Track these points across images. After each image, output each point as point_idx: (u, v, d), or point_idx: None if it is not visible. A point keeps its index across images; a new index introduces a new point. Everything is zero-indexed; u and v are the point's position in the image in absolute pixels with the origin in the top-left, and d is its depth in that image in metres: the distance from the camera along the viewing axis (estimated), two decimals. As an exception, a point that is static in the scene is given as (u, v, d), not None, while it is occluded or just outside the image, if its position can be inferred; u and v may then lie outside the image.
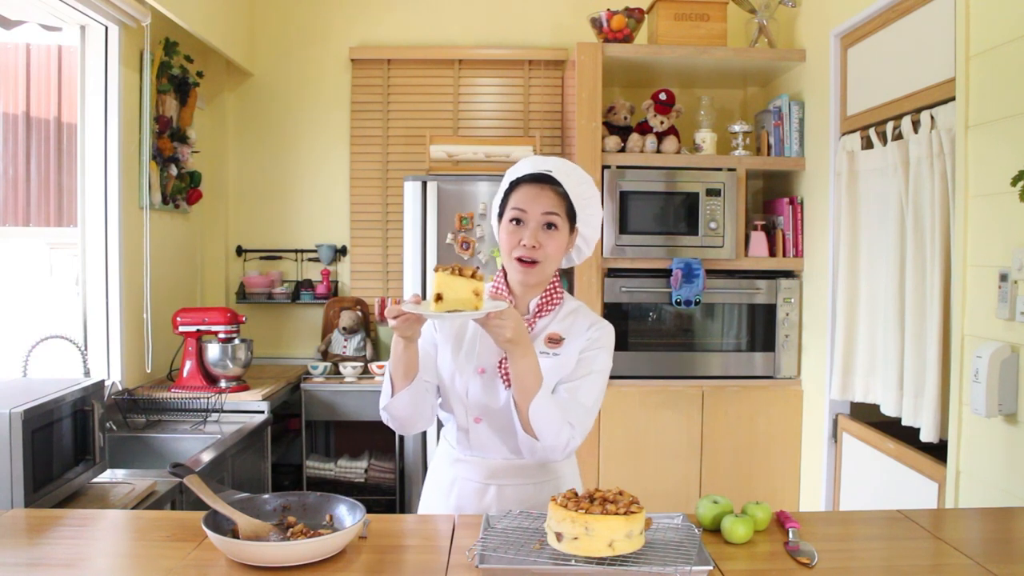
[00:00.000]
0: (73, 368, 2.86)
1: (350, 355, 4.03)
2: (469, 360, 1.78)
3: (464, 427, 1.82)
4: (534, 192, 1.73)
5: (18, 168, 3.48)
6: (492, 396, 1.77)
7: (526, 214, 1.72)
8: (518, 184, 1.76)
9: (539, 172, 1.75)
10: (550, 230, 1.73)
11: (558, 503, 1.42)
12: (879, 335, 2.83)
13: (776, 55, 3.61)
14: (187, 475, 1.56)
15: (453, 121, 4.23)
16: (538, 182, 1.74)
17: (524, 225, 1.73)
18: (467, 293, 1.44)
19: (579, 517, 1.36)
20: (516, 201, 1.75)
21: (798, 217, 3.58)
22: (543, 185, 1.74)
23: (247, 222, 4.27)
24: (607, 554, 1.36)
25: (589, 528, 1.35)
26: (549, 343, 1.78)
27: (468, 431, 1.81)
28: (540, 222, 1.72)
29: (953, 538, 1.55)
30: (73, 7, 2.91)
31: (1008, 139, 2.06)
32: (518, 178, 1.77)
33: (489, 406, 1.77)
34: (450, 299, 1.43)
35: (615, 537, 1.35)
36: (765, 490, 3.55)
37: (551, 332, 1.80)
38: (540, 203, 1.72)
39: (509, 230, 1.75)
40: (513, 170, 1.82)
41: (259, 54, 4.22)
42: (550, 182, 1.74)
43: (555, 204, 1.73)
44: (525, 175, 1.76)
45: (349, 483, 3.85)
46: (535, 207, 1.72)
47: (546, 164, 1.78)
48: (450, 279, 1.44)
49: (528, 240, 1.71)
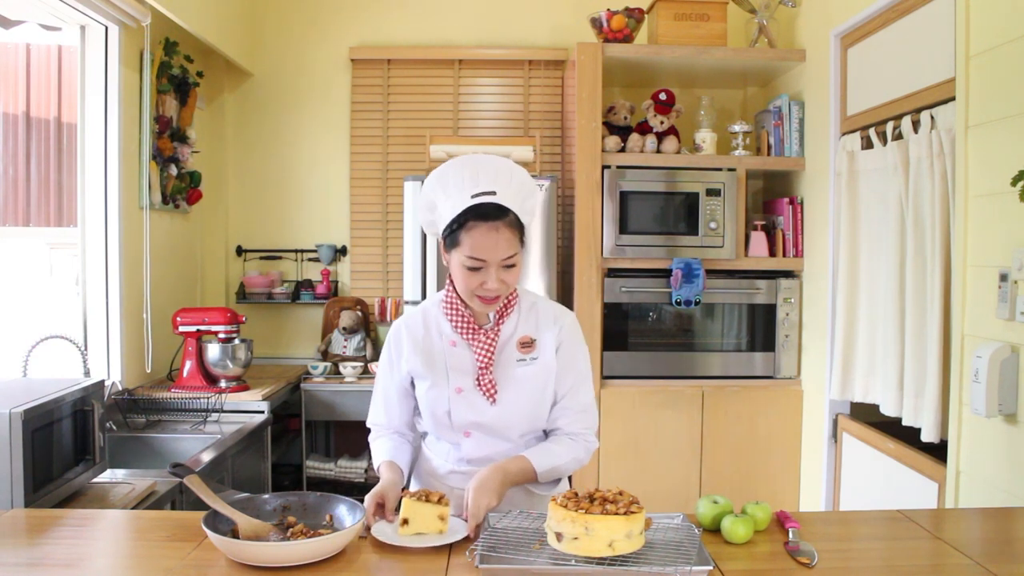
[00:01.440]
0: (73, 368, 2.86)
1: (350, 355, 4.02)
2: (445, 382, 1.77)
3: (455, 442, 1.81)
4: (492, 239, 1.62)
5: (18, 168, 3.48)
6: (476, 411, 1.76)
7: (486, 262, 1.64)
8: (467, 223, 1.63)
9: (485, 203, 1.63)
10: (510, 268, 1.67)
11: (558, 503, 1.42)
12: (879, 335, 2.83)
13: (776, 55, 3.61)
14: (187, 475, 1.56)
15: (453, 121, 4.23)
16: (490, 219, 1.62)
17: (484, 271, 1.65)
18: (432, 519, 1.51)
19: (579, 517, 1.36)
20: (471, 248, 1.63)
21: (798, 217, 3.58)
22: (498, 225, 1.62)
23: (247, 222, 4.27)
24: (607, 554, 1.36)
25: (589, 528, 1.35)
26: (522, 348, 1.78)
27: (460, 444, 1.80)
28: (500, 266, 1.65)
29: (953, 538, 1.55)
30: (73, 7, 2.91)
31: (1008, 139, 2.06)
32: (466, 215, 1.64)
33: (476, 421, 1.77)
34: (416, 524, 1.51)
35: (615, 537, 1.36)
36: (765, 490, 3.55)
37: (521, 336, 1.79)
38: (498, 250, 1.63)
39: (466, 273, 1.66)
40: (444, 192, 1.68)
41: (259, 54, 4.22)
42: (500, 215, 1.63)
43: (512, 243, 1.65)
44: (473, 212, 1.63)
45: (349, 483, 3.84)
46: (495, 255, 1.63)
47: (485, 182, 1.65)
48: (416, 505, 1.51)
49: (492, 285, 1.65)
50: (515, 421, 1.78)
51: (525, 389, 1.77)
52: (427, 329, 1.81)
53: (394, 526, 1.52)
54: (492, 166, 1.69)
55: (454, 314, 1.77)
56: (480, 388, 1.75)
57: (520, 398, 1.77)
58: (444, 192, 1.69)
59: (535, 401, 1.79)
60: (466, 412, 1.76)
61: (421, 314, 1.84)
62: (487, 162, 1.69)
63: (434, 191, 1.71)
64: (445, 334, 1.79)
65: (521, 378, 1.77)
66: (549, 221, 3.61)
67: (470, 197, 1.64)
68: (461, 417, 1.77)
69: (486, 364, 1.75)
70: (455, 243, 1.67)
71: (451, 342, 1.77)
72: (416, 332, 1.82)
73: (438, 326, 1.80)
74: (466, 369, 1.76)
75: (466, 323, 1.76)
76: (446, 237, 1.69)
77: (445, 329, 1.79)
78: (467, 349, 1.77)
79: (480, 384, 1.75)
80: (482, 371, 1.75)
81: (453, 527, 1.53)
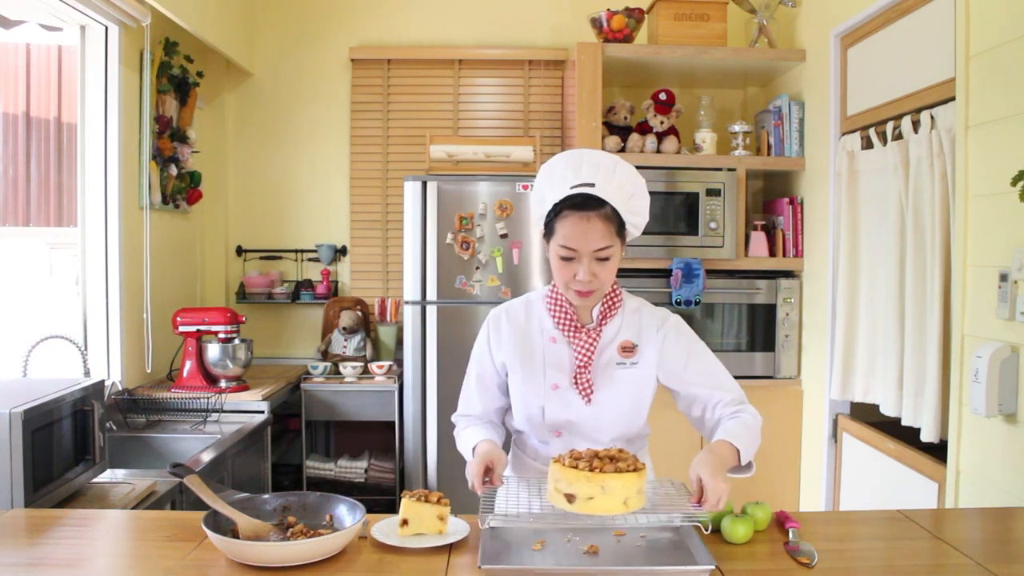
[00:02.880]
0: (73, 368, 2.86)
1: (350, 355, 4.02)
2: (542, 378, 1.75)
3: (544, 440, 1.79)
4: (582, 228, 1.63)
5: (18, 168, 3.48)
6: (570, 410, 1.74)
7: (577, 252, 1.65)
8: (562, 212, 1.66)
9: (582, 193, 1.64)
10: (604, 262, 1.66)
11: (566, 464, 1.42)
12: (879, 335, 2.83)
13: (776, 55, 3.61)
14: (187, 475, 1.56)
15: (453, 121, 4.23)
16: (583, 209, 1.63)
17: (576, 261, 1.66)
18: (432, 519, 1.51)
19: (595, 477, 1.37)
20: (564, 237, 1.65)
21: (798, 217, 3.58)
22: (590, 215, 1.63)
23: (247, 222, 4.27)
24: (622, 511, 1.38)
25: (606, 487, 1.37)
26: (623, 352, 1.76)
27: (549, 443, 1.78)
28: (592, 257, 1.65)
29: (953, 538, 1.55)
30: (73, 7, 2.91)
31: (1008, 139, 2.06)
32: (561, 205, 1.66)
33: (569, 419, 1.75)
34: (416, 524, 1.51)
35: (629, 494, 1.38)
36: (765, 490, 3.54)
37: (623, 341, 1.77)
38: (590, 239, 1.63)
39: (560, 263, 1.68)
40: (549, 183, 1.70)
41: (259, 54, 4.22)
42: (596, 206, 1.63)
43: (605, 235, 1.64)
44: (568, 201, 1.65)
45: (349, 483, 3.84)
46: (585, 244, 1.64)
47: (586, 173, 1.66)
48: (416, 505, 1.51)
49: (583, 276, 1.65)
50: (607, 423, 1.76)
51: (621, 391, 1.75)
52: (528, 321, 1.80)
53: (394, 526, 1.52)
54: (596, 159, 1.69)
55: (557, 310, 1.76)
56: (576, 386, 1.73)
57: (615, 400, 1.75)
58: (549, 183, 1.71)
59: (630, 403, 1.78)
60: (560, 410, 1.74)
61: (524, 305, 1.83)
62: (593, 155, 1.70)
63: (542, 182, 1.74)
64: (546, 329, 1.77)
65: (619, 380, 1.75)
66: (549, 221, 3.61)
67: (569, 188, 1.66)
68: (555, 415, 1.75)
69: (585, 363, 1.73)
70: (551, 232, 1.69)
71: (551, 338, 1.76)
72: (517, 322, 1.80)
73: (540, 320, 1.79)
74: (564, 366, 1.74)
75: (569, 320, 1.75)
76: (545, 226, 1.72)
77: (547, 324, 1.78)
78: (566, 346, 1.75)
79: (577, 383, 1.73)
80: (580, 369, 1.73)
81: (453, 527, 1.53)
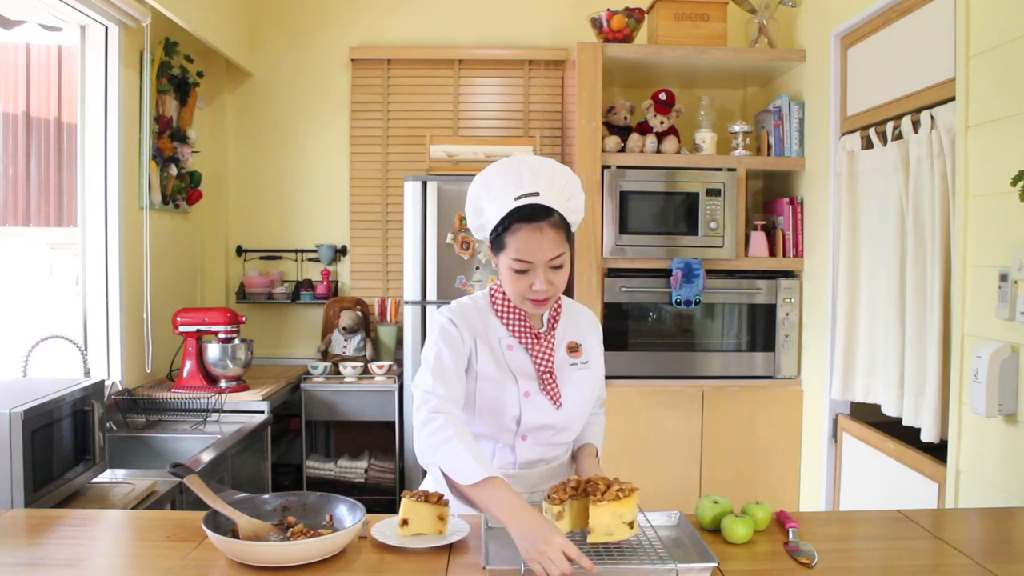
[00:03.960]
0: (73, 368, 2.86)
1: (350, 355, 4.02)
2: (514, 385, 1.72)
3: (509, 444, 1.76)
4: (535, 239, 1.61)
5: (18, 168, 3.48)
6: (543, 415, 1.74)
7: (531, 264, 1.63)
8: (511, 226, 1.63)
9: (529, 204, 1.61)
10: (558, 269, 1.65)
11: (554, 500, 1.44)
12: (879, 335, 2.83)
13: (776, 55, 3.61)
14: (187, 475, 1.56)
15: (453, 121, 4.23)
16: (532, 220, 1.61)
17: (531, 272, 1.63)
18: (432, 519, 1.50)
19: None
20: (516, 250, 1.63)
21: (798, 217, 3.58)
22: (541, 226, 1.61)
23: (247, 222, 4.27)
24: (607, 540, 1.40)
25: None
26: (571, 352, 1.78)
27: (514, 447, 1.76)
28: (548, 266, 1.63)
29: (953, 538, 1.55)
30: (73, 7, 2.91)
31: (1008, 139, 2.06)
32: (510, 217, 1.63)
33: (542, 423, 1.74)
34: (416, 524, 1.50)
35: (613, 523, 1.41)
36: (765, 490, 3.55)
37: (568, 342, 1.79)
38: (544, 250, 1.61)
39: (514, 276, 1.65)
40: (489, 196, 1.67)
41: (259, 54, 4.22)
42: (544, 215, 1.61)
43: (557, 243, 1.63)
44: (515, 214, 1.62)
45: (349, 483, 3.84)
46: (540, 255, 1.62)
47: (527, 183, 1.64)
48: (416, 505, 1.50)
49: (541, 286, 1.63)
50: (574, 423, 1.80)
51: (582, 392, 1.79)
52: (485, 327, 1.75)
53: (394, 526, 1.52)
54: (534, 167, 1.67)
55: (511, 318, 1.74)
56: (546, 392, 1.73)
57: (579, 400, 1.78)
58: (488, 196, 1.68)
59: (589, 401, 1.83)
60: (534, 416, 1.73)
61: (475, 310, 1.77)
62: (529, 163, 1.67)
63: (479, 195, 1.71)
64: (502, 337, 1.75)
65: (577, 381, 1.78)
66: (549, 221, 3.61)
67: (513, 200, 1.63)
68: (530, 420, 1.73)
69: (548, 369, 1.73)
70: (501, 246, 1.66)
71: (508, 346, 1.74)
72: (476, 325, 1.75)
73: (494, 327, 1.76)
74: (529, 373, 1.73)
75: (524, 326, 1.74)
76: (492, 240, 1.69)
77: (501, 332, 1.75)
78: (523, 352, 1.74)
79: (546, 389, 1.73)
80: (546, 375, 1.73)
81: (453, 527, 1.53)
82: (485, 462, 1.51)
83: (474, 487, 1.47)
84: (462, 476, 1.49)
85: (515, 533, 1.35)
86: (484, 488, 1.46)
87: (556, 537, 1.30)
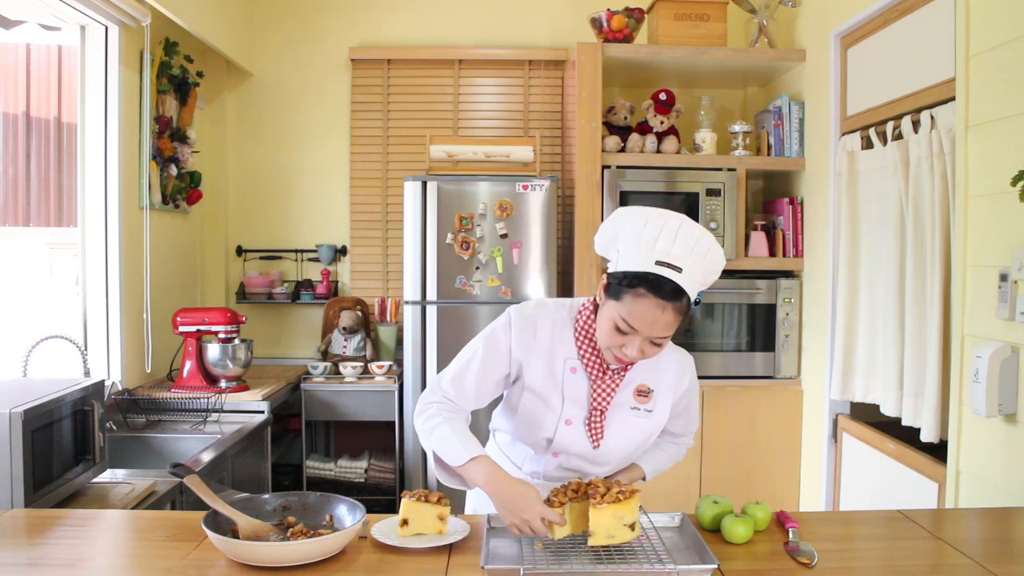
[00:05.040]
0: (73, 368, 2.86)
1: (350, 355, 4.02)
2: (559, 407, 1.67)
3: (541, 456, 1.74)
4: (653, 316, 1.50)
5: (18, 168, 3.48)
6: (576, 444, 1.68)
7: (636, 332, 1.53)
8: (637, 287, 1.49)
9: (665, 277, 1.48)
10: (657, 345, 1.56)
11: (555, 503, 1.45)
12: (879, 335, 2.83)
13: (776, 55, 3.61)
14: (187, 475, 1.56)
15: (453, 121, 4.23)
16: (660, 295, 1.48)
17: (630, 336, 1.54)
18: (432, 519, 1.51)
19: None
20: (628, 313, 1.51)
21: (798, 217, 3.58)
22: (666, 306, 1.49)
23: (247, 222, 4.27)
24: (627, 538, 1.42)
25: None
26: (639, 396, 1.68)
27: (543, 460, 1.74)
28: (649, 340, 1.55)
29: (953, 538, 1.55)
30: (73, 7, 2.91)
31: (1008, 139, 2.06)
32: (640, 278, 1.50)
33: (570, 449, 1.70)
34: (416, 524, 1.51)
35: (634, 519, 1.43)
36: (765, 490, 3.55)
37: (639, 384, 1.69)
38: (656, 328, 1.51)
39: (612, 329, 1.54)
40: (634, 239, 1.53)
41: (259, 54, 4.22)
42: (674, 296, 1.49)
43: (672, 325, 1.53)
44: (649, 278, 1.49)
45: (349, 483, 3.84)
46: (650, 331, 1.52)
47: (678, 251, 1.50)
48: (416, 505, 1.51)
49: (632, 353, 1.55)
50: (612, 459, 1.72)
51: (631, 437, 1.70)
52: (553, 340, 1.67)
53: (394, 526, 1.52)
54: (693, 238, 1.52)
55: (586, 345, 1.65)
56: (588, 427, 1.66)
57: (623, 445, 1.70)
58: (633, 236, 1.54)
59: (637, 446, 1.73)
60: (567, 443, 1.68)
61: (552, 319, 1.69)
62: (690, 231, 1.53)
63: (624, 229, 1.57)
64: (569, 357, 1.67)
65: (631, 427, 1.69)
66: (549, 221, 3.62)
67: (654, 262, 1.49)
68: (562, 446, 1.69)
69: (602, 408, 1.66)
70: (617, 296, 1.53)
71: (572, 368, 1.66)
72: (544, 336, 1.67)
73: (564, 344, 1.67)
74: (581, 402, 1.66)
75: (595, 357, 1.64)
76: (610, 283, 1.56)
77: (570, 351, 1.67)
78: (584, 380, 1.66)
79: (590, 426, 1.66)
80: (595, 412, 1.66)
81: (453, 527, 1.53)
82: (471, 444, 1.57)
83: (463, 466, 1.56)
84: (451, 458, 1.57)
85: (497, 502, 1.48)
86: (471, 465, 1.55)
87: (535, 504, 1.44)
